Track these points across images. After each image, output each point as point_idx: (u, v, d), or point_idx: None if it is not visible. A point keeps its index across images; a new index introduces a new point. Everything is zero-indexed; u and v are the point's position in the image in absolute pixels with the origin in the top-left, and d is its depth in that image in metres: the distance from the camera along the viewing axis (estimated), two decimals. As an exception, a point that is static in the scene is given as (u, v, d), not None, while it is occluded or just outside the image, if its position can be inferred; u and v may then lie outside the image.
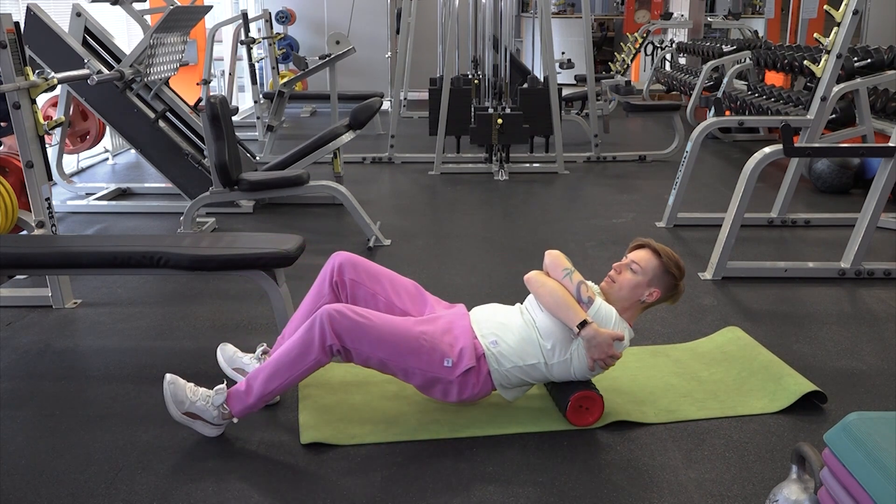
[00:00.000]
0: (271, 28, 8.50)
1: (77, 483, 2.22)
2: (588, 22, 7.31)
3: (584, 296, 2.45)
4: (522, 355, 2.47)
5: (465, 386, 2.45)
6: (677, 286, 2.57)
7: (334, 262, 2.68)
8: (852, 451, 1.58)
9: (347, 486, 2.22)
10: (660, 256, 2.54)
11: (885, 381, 2.86)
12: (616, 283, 2.56)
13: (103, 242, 3.30)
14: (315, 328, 2.33)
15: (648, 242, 2.59)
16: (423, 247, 4.55)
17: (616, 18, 13.57)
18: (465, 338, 2.48)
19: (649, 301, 2.55)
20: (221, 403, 2.38)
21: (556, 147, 6.63)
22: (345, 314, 2.34)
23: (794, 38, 9.53)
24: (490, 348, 2.47)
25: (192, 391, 2.40)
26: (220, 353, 2.78)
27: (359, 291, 2.64)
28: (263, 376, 2.38)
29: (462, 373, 2.42)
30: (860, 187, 5.65)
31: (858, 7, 4.23)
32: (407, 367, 2.41)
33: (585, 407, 2.51)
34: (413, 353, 2.39)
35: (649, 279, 2.53)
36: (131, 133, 5.20)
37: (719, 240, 3.96)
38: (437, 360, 2.41)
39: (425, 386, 2.46)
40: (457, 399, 2.48)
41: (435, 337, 2.44)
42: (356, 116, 5.22)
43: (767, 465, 2.32)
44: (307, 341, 2.34)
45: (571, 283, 2.47)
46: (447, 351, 2.43)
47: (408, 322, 2.48)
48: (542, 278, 2.52)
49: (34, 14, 4.94)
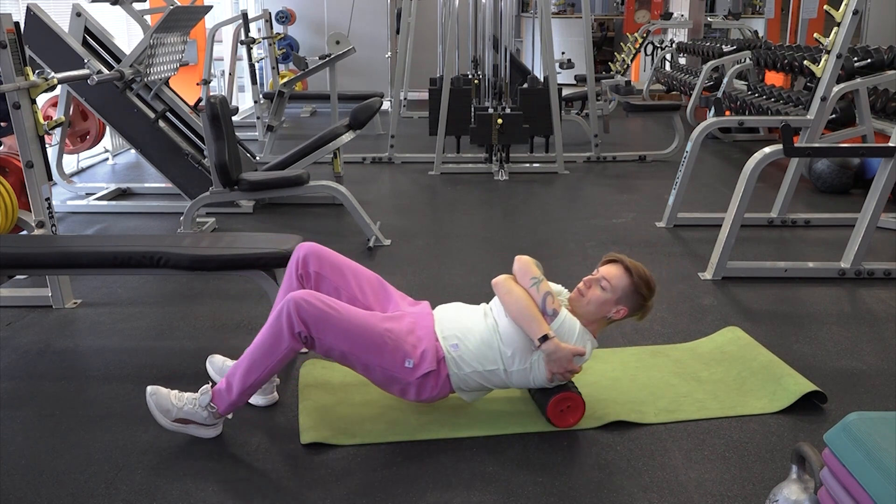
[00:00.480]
0: (271, 28, 8.50)
1: (77, 483, 2.22)
2: (588, 22, 7.31)
3: (548, 307, 2.43)
4: (482, 360, 2.45)
5: (424, 388, 2.44)
6: (645, 305, 2.54)
7: (299, 254, 2.65)
8: (852, 451, 1.58)
9: (347, 486, 2.22)
10: (631, 275, 2.50)
11: (885, 381, 2.86)
12: (584, 297, 2.52)
13: (103, 242, 3.30)
14: (283, 316, 2.32)
15: (621, 259, 2.55)
16: (423, 247, 4.55)
17: (616, 18, 13.57)
18: (428, 339, 2.46)
19: (616, 318, 2.52)
20: (208, 403, 2.38)
21: (556, 147, 6.63)
22: (311, 302, 2.32)
23: (794, 38, 9.53)
24: (451, 351, 2.45)
25: (176, 397, 2.40)
26: (210, 366, 2.78)
27: (322, 285, 2.62)
28: (241, 371, 2.37)
29: (422, 375, 2.41)
30: (860, 187, 5.65)
31: (858, 7, 4.23)
32: (368, 363, 2.39)
33: (566, 408, 2.50)
34: (376, 350, 2.38)
35: (618, 297, 2.50)
36: (131, 133, 5.20)
37: (719, 240, 3.96)
38: (399, 360, 2.40)
39: (384, 383, 2.45)
40: (414, 399, 2.47)
41: (399, 336, 2.43)
42: (356, 116, 5.22)
43: (767, 465, 2.32)
44: (277, 330, 2.33)
45: (538, 292, 2.44)
46: (410, 351, 2.41)
47: (374, 318, 2.46)
48: (509, 284, 2.50)
49: (34, 14, 4.94)
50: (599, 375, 2.84)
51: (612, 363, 2.96)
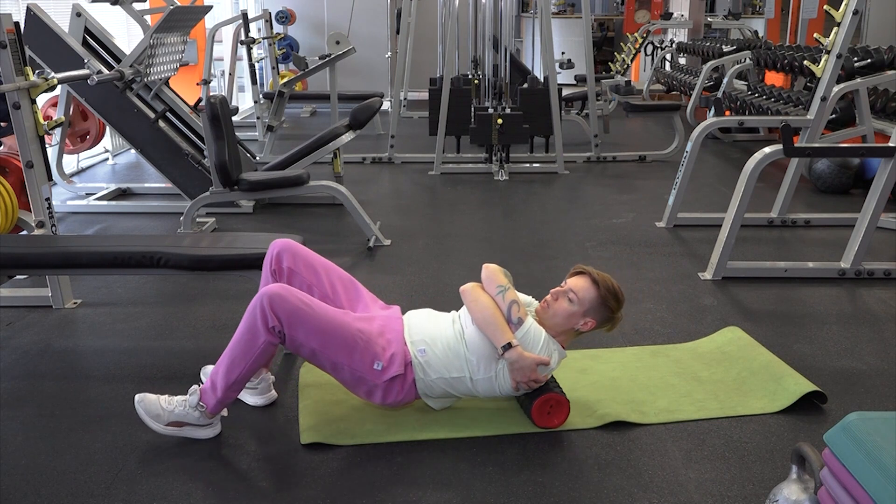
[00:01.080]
0: (271, 28, 8.50)
1: (77, 483, 2.22)
2: (588, 22, 7.31)
3: (514, 316, 2.42)
4: (448, 367, 2.45)
5: (390, 391, 2.43)
6: (613, 317, 2.53)
7: (273, 250, 2.65)
8: (852, 451, 1.58)
9: (347, 486, 2.22)
10: (598, 288, 2.48)
11: (885, 381, 2.86)
12: (551, 308, 2.51)
13: (103, 242, 3.30)
14: (257, 310, 2.32)
15: (589, 271, 2.53)
16: (423, 247, 4.55)
17: (616, 18, 13.57)
18: (397, 343, 2.46)
19: (584, 330, 2.51)
20: (198, 402, 2.38)
21: (556, 147, 6.63)
22: (284, 297, 2.32)
23: (794, 38, 9.53)
24: (418, 357, 2.45)
25: (165, 402, 2.40)
26: (203, 376, 2.77)
27: (295, 281, 2.61)
28: (223, 368, 2.37)
29: (389, 378, 2.41)
30: (860, 187, 5.66)
31: (858, 7, 4.23)
32: (337, 362, 2.38)
33: (549, 410, 2.49)
34: (347, 349, 2.37)
35: (585, 310, 2.48)
36: (131, 133, 5.20)
37: (719, 240, 3.96)
38: (368, 361, 2.39)
39: (351, 383, 2.44)
40: (380, 402, 2.46)
41: (371, 337, 2.42)
42: (356, 116, 5.22)
43: (767, 465, 2.32)
44: (252, 325, 2.33)
45: (504, 301, 2.44)
46: (379, 353, 2.41)
47: (347, 316, 2.45)
48: (476, 292, 2.49)
49: (34, 14, 4.94)
50: (599, 375, 2.84)
51: (612, 363, 2.96)
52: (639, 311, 3.48)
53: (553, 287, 2.57)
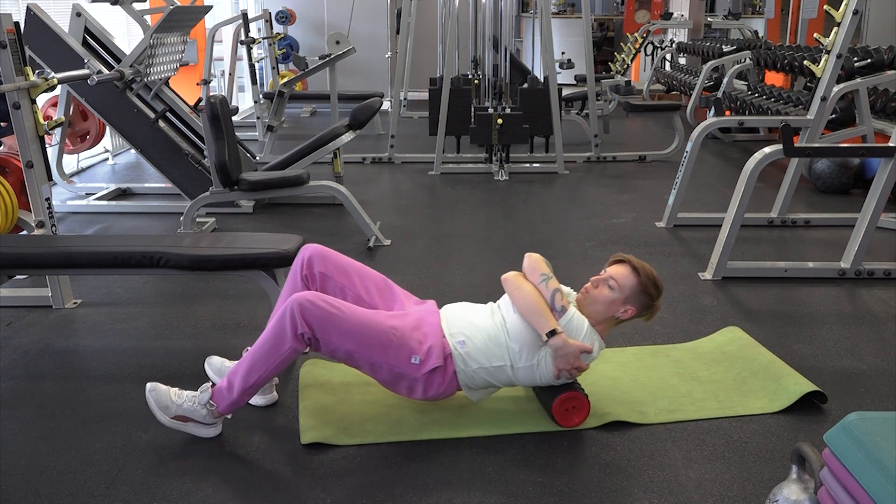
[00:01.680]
0: (271, 28, 8.50)
1: (77, 483, 2.22)
2: (588, 22, 7.31)
3: (557, 304, 2.44)
4: (489, 356, 2.46)
5: (431, 384, 2.44)
6: (653, 305, 2.54)
7: (304, 255, 2.66)
8: (852, 451, 1.58)
9: (347, 486, 2.22)
10: (638, 275, 2.50)
11: (885, 381, 2.86)
12: (591, 295, 2.52)
13: (103, 242, 3.30)
14: (287, 317, 2.32)
15: (629, 259, 2.55)
16: (423, 247, 4.55)
17: (616, 18, 13.57)
18: (434, 336, 2.47)
19: (624, 318, 2.52)
20: (208, 401, 2.38)
21: (556, 147, 6.63)
22: (315, 303, 2.33)
23: (794, 38, 9.53)
24: (457, 348, 2.46)
25: (176, 395, 2.40)
26: (209, 368, 2.77)
27: (328, 285, 2.62)
28: (243, 371, 2.37)
29: (428, 371, 2.41)
30: (860, 187, 5.65)
31: (858, 7, 4.23)
32: (374, 361, 2.39)
33: (571, 407, 2.50)
34: (382, 348, 2.38)
35: (626, 297, 2.50)
36: (131, 133, 5.20)
37: (719, 240, 3.96)
38: (405, 357, 2.40)
39: (391, 381, 2.45)
40: (421, 397, 2.47)
41: (405, 333, 2.43)
42: (356, 116, 5.22)
43: (767, 465, 2.32)
44: (280, 331, 2.33)
45: (547, 289, 2.46)
46: (415, 348, 2.42)
47: (378, 316, 2.47)
48: (518, 280, 2.51)
49: (34, 14, 4.94)
50: (599, 375, 2.84)
51: (612, 363, 2.96)
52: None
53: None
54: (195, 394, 2.40)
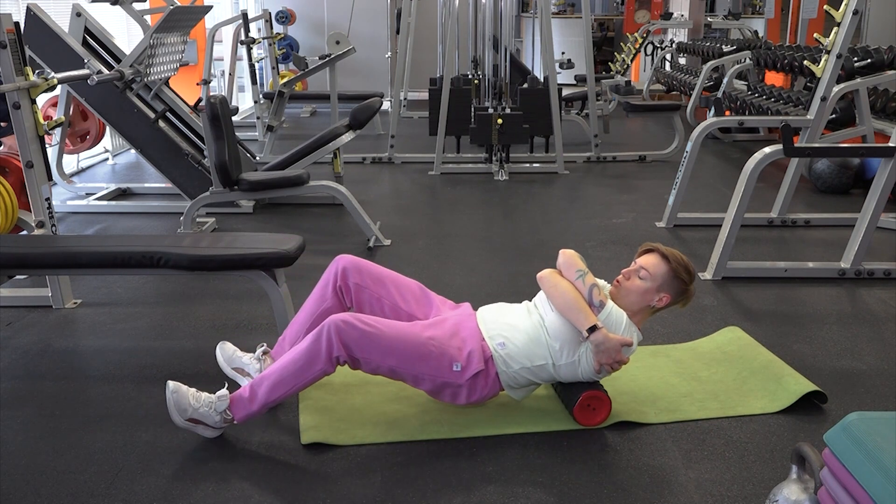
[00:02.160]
0: (271, 28, 8.50)
1: (77, 483, 2.22)
2: (588, 22, 7.32)
3: (595, 299, 2.44)
4: (530, 356, 2.47)
5: (475, 389, 2.46)
6: (687, 290, 2.55)
7: (338, 266, 2.67)
8: (852, 451, 1.58)
9: (347, 486, 2.22)
10: (669, 262, 2.52)
11: (885, 381, 2.86)
12: (624, 287, 2.54)
13: (103, 242, 3.30)
14: (322, 339, 2.32)
15: (657, 247, 2.57)
16: (424, 247, 4.55)
17: (616, 18, 13.57)
18: (473, 340, 2.48)
19: (659, 306, 2.53)
20: (225, 409, 2.37)
21: (556, 147, 6.63)
22: (353, 325, 2.33)
23: (794, 38, 9.52)
24: (498, 350, 2.47)
25: (194, 398, 2.39)
26: (220, 352, 2.76)
27: (363, 296, 2.64)
28: (268, 384, 2.37)
29: (471, 376, 2.43)
30: (860, 187, 5.65)
31: (858, 7, 4.23)
32: (417, 374, 2.41)
33: (593, 407, 2.51)
34: (422, 360, 2.39)
35: (658, 285, 2.51)
36: (131, 133, 5.20)
37: (719, 240, 3.96)
38: (447, 365, 2.41)
39: (435, 391, 2.47)
40: (466, 402, 2.48)
41: (443, 341, 2.44)
42: (356, 116, 5.22)
43: (767, 465, 2.32)
44: (314, 351, 2.34)
45: (584, 285, 2.46)
46: (455, 355, 2.43)
47: (415, 328, 2.47)
48: (554, 278, 2.51)
49: (34, 14, 4.94)
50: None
51: (612, 363, 2.95)
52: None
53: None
54: (213, 399, 2.39)
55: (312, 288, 2.73)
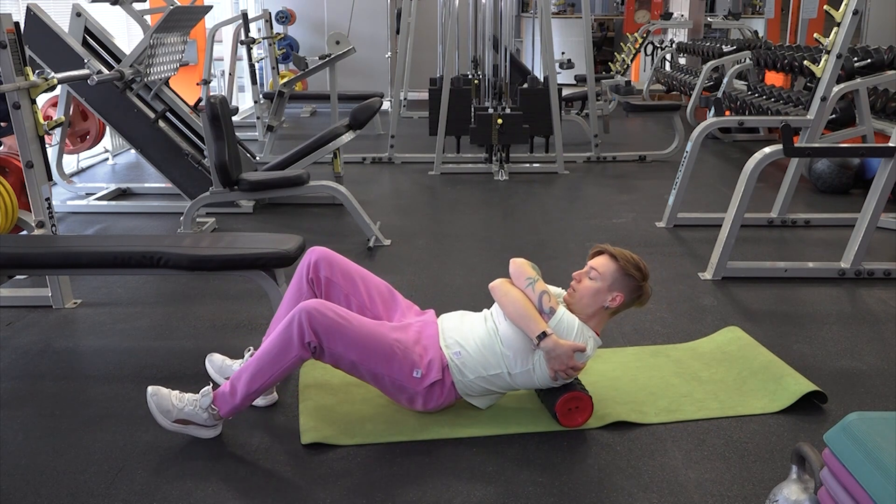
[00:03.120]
0: (271, 28, 8.50)
1: (77, 483, 2.22)
2: (588, 22, 7.31)
3: (545, 306, 2.43)
4: (485, 365, 2.46)
5: (431, 397, 2.47)
6: (641, 287, 2.52)
7: (310, 259, 2.66)
8: (852, 451, 1.58)
9: (348, 486, 2.22)
10: (617, 260, 2.50)
11: (885, 381, 2.86)
12: (577, 291, 2.52)
13: (103, 242, 3.30)
14: (294, 325, 2.32)
15: (605, 248, 2.55)
16: (423, 247, 4.55)
17: (616, 18, 13.57)
18: (434, 349, 2.48)
19: (613, 306, 2.51)
20: (209, 405, 2.38)
21: (556, 147, 6.63)
22: (323, 312, 2.33)
23: (794, 38, 9.53)
24: (453, 359, 2.47)
25: (177, 398, 2.40)
26: (210, 365, 2.77)
27: (332, 290, 2.64)
28: (246, 376, 2.37)
29: (429, 384, 2.44)
30: (860, 187, 5.65)
31: (858, 7, 4.23)
32: (377, 372, 2.41)
33: (574, 407, 2.50)
34: (385, 360, 2.40)
35: (609, 284, 2.49)
36: (131, 133, 5.20)
37: (719, 240, 3.96)
38: (408, 370, 2.42)
39: (392, 392, 2.47)
40: (421, 408, 2.49)
41: (407, 346, 2.45)
42: (356, 116, 5.22)
43: (767, 465, 2.32)
44: (286, 339, 2.34)
45: (534, 292, 2.45)
46: (417, 361, 2.44)
47: (383, 327, 2.48)
48: (505, 287, 2.50)
49: (34, 14, 4.94)
50: (599, 376, 2.84)
51: (612, 363, 2.96)
52: (639, 312, 3.47)
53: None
54: (196, 397, 2.40)
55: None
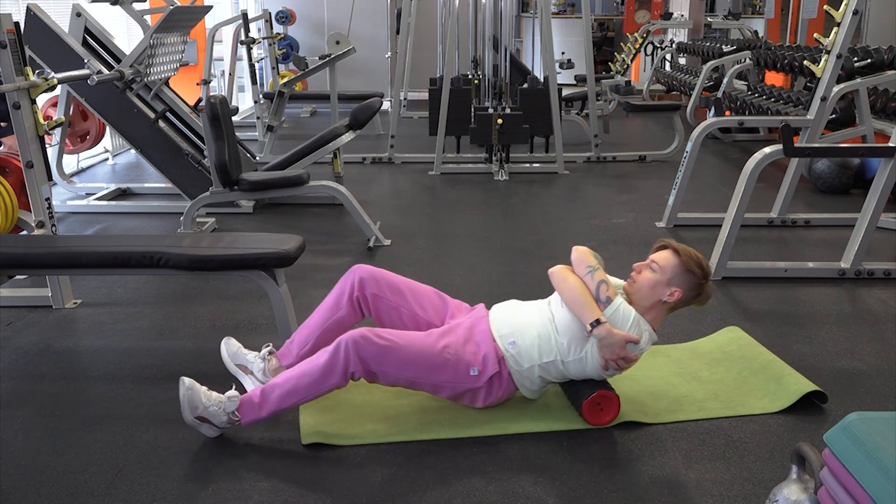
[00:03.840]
0: (271, 28, 8.50)
1: (77, 483, 2.22)
2: (588, 22, 7.31)
3: (602, 295, 2.45)
4: (540, 353, 2.48)
5: (491, 391, 2.50)
6: (702, 286, 2.54)
7: (354, 277, 2.67)
8: (852, 451, 1.58)
9: (347, 486, 2.22)
10: (679, 255, 2.52)
11: (885, 381, 2.86)
12: (636, 282, 2.54)
13: (103, 242, 3.30)
14: (340, 354, 2.34)
15: (669, 243, 2.58)
16: (423, 247, 4.55)
17: (616, 18, 13.57)
18: (486, 343, 2.50)
19: (671, 301, 2.51)
20: (233, 410, 2.37)
21: (556, 147, 6.63)
22: (370, 340, 2.35)
23: (794, 38, 9.52)
24: (509, 349, 2.49)
25: (206, 396, 2.39)
26: (225, 347, 2.76)
27: (381, 305, 2.65)
28: (280, 393, 2.37)
29: (488, 379, 2.47)
30: (860, 187, 5.65)
31: (858, 7, 4.23)
32: (436, 383, 2.45)
33: (602, 406, 2.51)
34: (439, 369, 2.43)
35: (668, 278, 2.50)
36: (131, 133, 5.20)
37: (719, 240, 3.96)
38: (464, 371, 2.45)
39: (454, 397, 2.51)
40: (483, 404, 2.52)
41: (458, 348, 2.47)
42: (356, 116, 5.22)
43: (767, 465, 2.32)
44: (330, 366, 2.35)
45: (592, 280, 2.47)
46: (472, 360, 2.46)
47: (430, 338, 2.49)
48: (564, 273, 2.52)
49: (34, 14, 4.94)
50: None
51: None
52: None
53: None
54: (223, 399, 2.38)
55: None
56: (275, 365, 2.67)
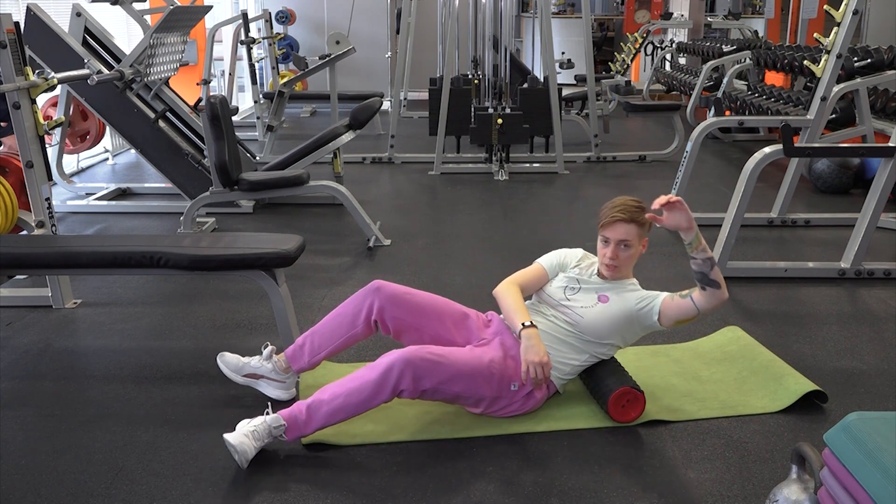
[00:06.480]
0: (271, 28, 8.50)
1: (77, 483, 2.22)
2: (588, 22, 7.31)
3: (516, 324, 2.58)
4: (569, 355, 2.60)
5: (528, 401, 2.55)
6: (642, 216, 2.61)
7: (373, 302, 2.62)
8: (852, 451, 1.58)
9: (347, 486, 2.22)
10: (631, 220, 2.58)
11: (885, 381, 2.86)
12: (619, 265, 2.62)
13: (103, 242, 3.30)
14: (393, 374, 2.32)
15: (614, 215, 2.58)
16: (423, 247, 4.55)
17: (616, 18, 13.57)
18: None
19: (643, 250, 2.68)
20: (280, 425, 2.33)
21: (556, 147, 6.63)
22: (424, 357, 2.36)
23: (794, 38, 9.52)
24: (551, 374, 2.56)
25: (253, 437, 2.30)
26: (223, 365, 2.71)
27: (402, 327, 2.64)
28: (328, 410, 2.35)
29: (525, 393, 2.52)
30: (860, 187, 5.66)
31: (858, 7, 4.23)
32: (480, 397, 2.48)
33: (627, 402, 2.53)
34: (486, 383, 2.46)
35: (638, 241, 2.63)
36: (131, 133, 5.20)
37: (719, 240, 3.96)
38: (506, 385, 2.50)
39: (491, 410, 2.53)
40: (513, 414, 2.55)
41: (501, 363, 2.51)
42: (356, 116, 5.22)
43: (767, 465, 2.32)
44: (380, 384, 2.33)
45: None
46: (512, 375, 2.51)
47: (475, 352, 2.52)
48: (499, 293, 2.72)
49: (34, 14, 4.94)
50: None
51: (612, 363, 2.96)
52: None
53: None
54: (268, 423, 2.32)
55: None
56: (283, 364, 2.67)
